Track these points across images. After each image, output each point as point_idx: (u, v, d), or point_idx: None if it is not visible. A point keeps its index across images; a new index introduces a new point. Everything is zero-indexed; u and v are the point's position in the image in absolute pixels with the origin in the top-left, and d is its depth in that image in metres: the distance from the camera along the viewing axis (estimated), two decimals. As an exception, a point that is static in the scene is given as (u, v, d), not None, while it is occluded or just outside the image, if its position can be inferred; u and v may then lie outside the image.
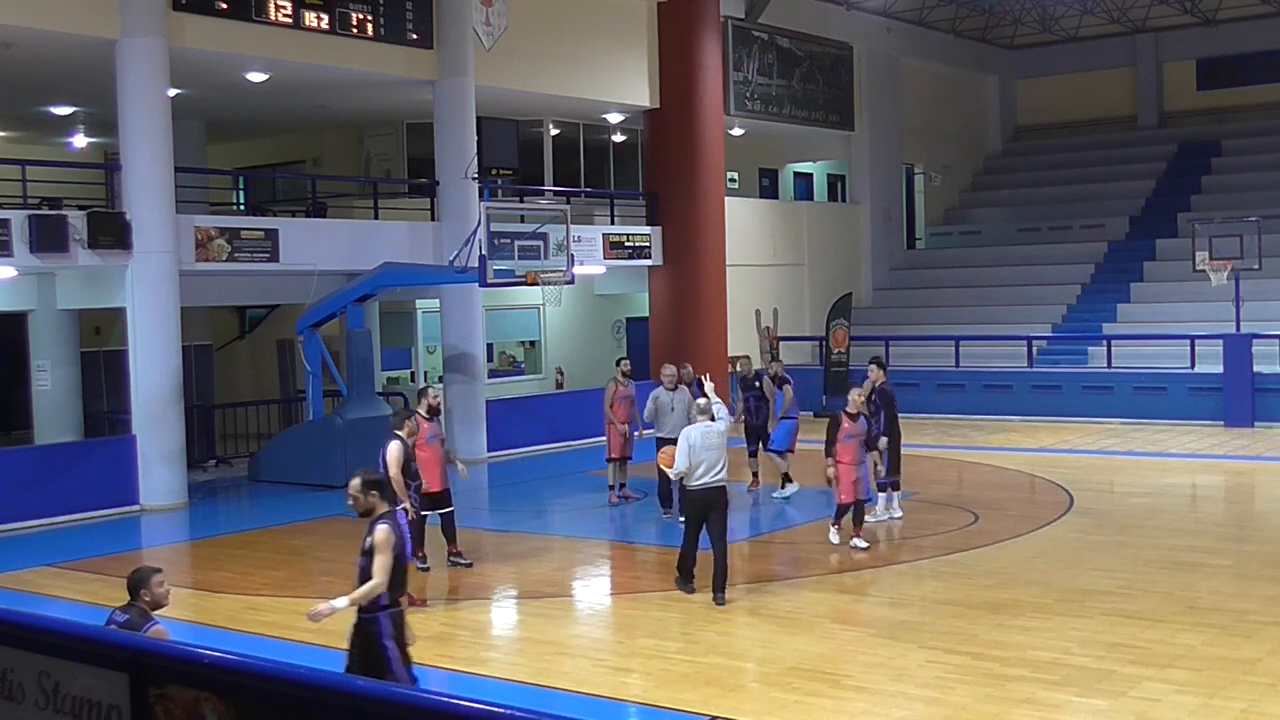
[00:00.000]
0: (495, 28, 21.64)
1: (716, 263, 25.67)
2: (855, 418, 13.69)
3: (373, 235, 21.10)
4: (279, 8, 18.87)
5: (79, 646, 3.74)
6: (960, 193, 36.05)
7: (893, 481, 15.17)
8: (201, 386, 23.15)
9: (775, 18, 27.91)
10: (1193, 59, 35.79)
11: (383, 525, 7.74)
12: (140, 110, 17.49)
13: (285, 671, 3.36)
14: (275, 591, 12.17)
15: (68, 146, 25.51)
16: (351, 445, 19.01)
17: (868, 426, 13.89)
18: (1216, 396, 23.29)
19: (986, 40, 35.98)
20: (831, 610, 11.23)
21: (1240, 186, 31.27)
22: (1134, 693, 8.78)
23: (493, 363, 25.89)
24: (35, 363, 20.60)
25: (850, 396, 13.97)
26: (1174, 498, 17.29)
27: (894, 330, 28.32)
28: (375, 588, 7.64)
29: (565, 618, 11.38)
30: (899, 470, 15.25)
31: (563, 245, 19.23)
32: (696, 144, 25.23)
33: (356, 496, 7.92)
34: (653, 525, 15.57)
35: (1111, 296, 28.60)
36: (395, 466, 11.69)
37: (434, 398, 13.59)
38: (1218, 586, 11.83)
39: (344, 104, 23.11)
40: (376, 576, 7.65)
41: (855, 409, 13.75)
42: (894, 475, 15.15)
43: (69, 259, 17.03)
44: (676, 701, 8.91)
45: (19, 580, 13.31)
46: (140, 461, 17.53)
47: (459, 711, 3.02)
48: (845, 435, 13.60)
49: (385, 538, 7.67)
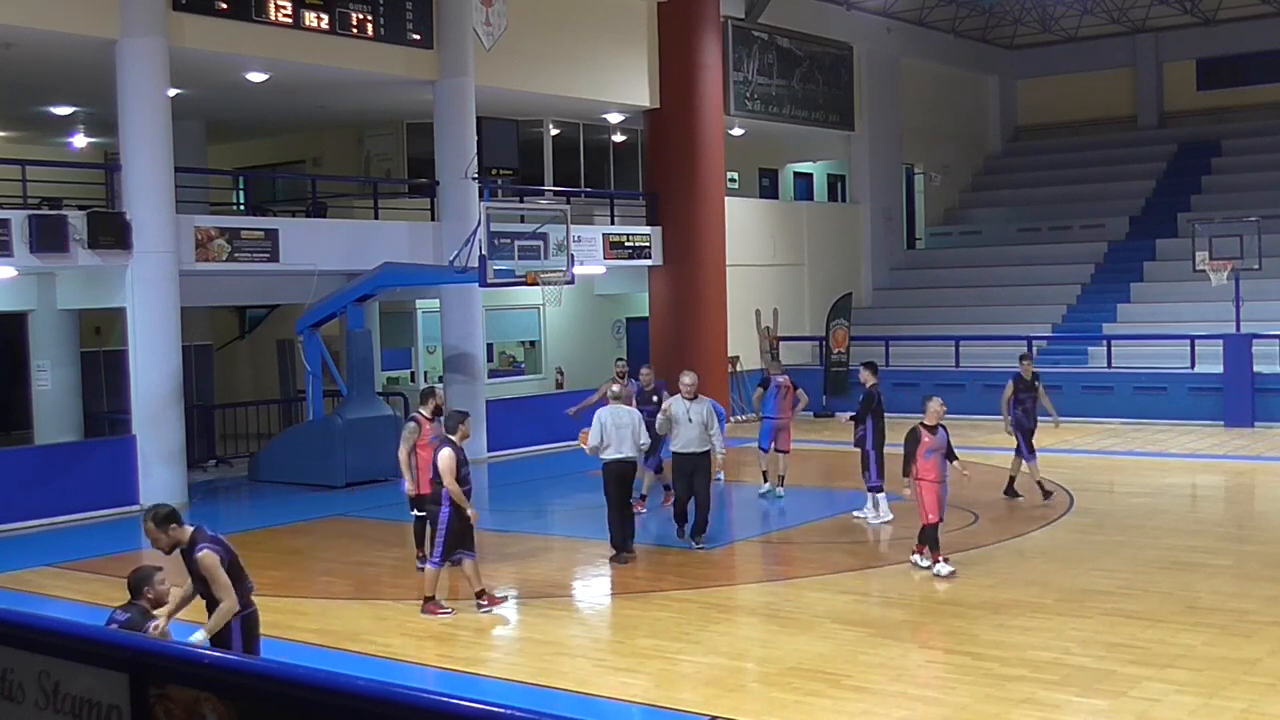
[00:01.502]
0: (495, 28, 21.64)
1: (716, 263, 25.67)
2: (934, 430, 12.62)
3: (373, 235, 21.10)
4: (279, 8, 18.87)
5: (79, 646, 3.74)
6: (960, 193, 36.05)
7: (880, 485, 15.17)
8: (201, 386, 23.15)
9: (775, 18, 27.91)
10: (1193, 59, 35.80)
11: (203, 550, 7.41)
12: (140, 110, 17.49)
13: (285, 671, 3.35)
14: (275, 591, 12.16)
15: (68, 146, 25.51)
16: (351, 445, 19.03)
17: (947, 438, 12.72)
18: (1216, 396, 23.30)
19: (986, 40, 35.99)
20: (831, 610, 11.22)
21: (1240, 186, 31.27)
22: (1134, 693, 8.78)
23: (493, 363, 25.89)
24: (35, 363, 20.60)
25: (931, 407, 12.79)
26: (1174, 498, 17.30)
27: (894, 330, 28.33)
28: (228, 610, 7.41)
29: (565, 618, 11.39)
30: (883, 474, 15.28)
31: (563, 245, 19.23)
32: (696, 144, 25.23)
33: (158, 537, 7.50)
34: (653, 525, 15.57)
35: (1111, 296, 28.60)
36: (449, 476, 11.27)
37: (440, 398, 13.68)
38: (1218, 586, 11.83)
39: (344, 104, 23.10)
40: (225, 600, 7.39)
41: (934, 420, 12.67)
42: (882, 479, 15.17)
43: (69, 259, 17.03)
44: (676, 701, 8.91)
45: (19, 580, 13.31)
46: (140, 461, 17.53)
47: (459, 711, 3.02)
48: (926, 450, 12.53)
49: (212, 560, 7.39)
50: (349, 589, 12.98)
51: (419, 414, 13.30)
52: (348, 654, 10.30)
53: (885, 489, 15.22)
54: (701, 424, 13.80)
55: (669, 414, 13.94)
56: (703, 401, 14.08)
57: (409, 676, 9.57)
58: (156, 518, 7.50)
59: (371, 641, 10.69)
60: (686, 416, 13.84)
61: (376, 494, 18.27)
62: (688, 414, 13.85)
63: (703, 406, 13.97)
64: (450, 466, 11.26)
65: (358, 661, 10.00)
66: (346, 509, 17.47)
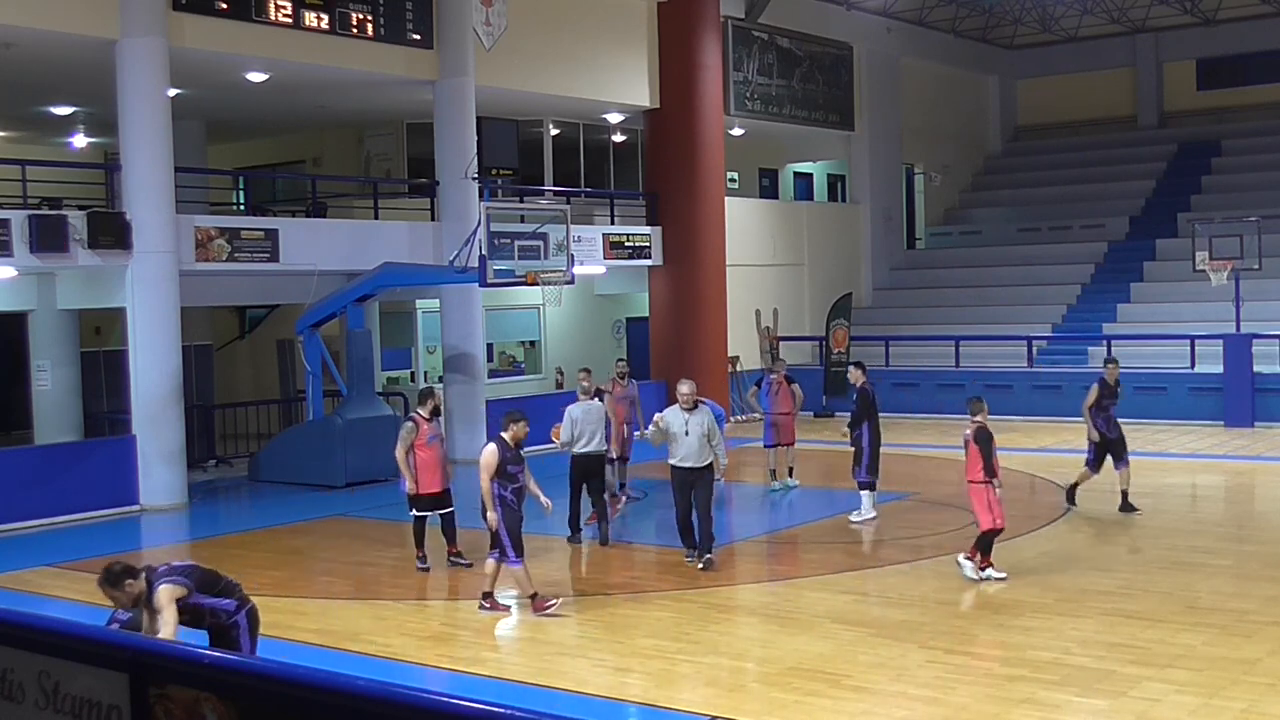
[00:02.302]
0: (495, 28, 21.64)
1: (716, 263, 25.67)
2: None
3: (373, 235, 21.10)
4: (279, 8, 18.87)
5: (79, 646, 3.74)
6: (960, 193, 36.06)
7: (870, 482, 15.18)
8: (201, 386, 23.15)
9: (775, 18, 27.91)
10: (1193, 59, 35.81)
11: (160, 585, 7.08)
12: (140, 110, 17.49)
13: (285, 671, 3.35)
14: (275, 591, 12.16)
15: (68, 146, 25.52)
16: (351, 445, 19.03)
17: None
18: (1216, 396, 23.30)
19: (986, 40, 35.99)
20: (831, 610, 11.22)
21: (1240, 186, 31.27)
22: (1134, 693, 8.78)
23: (493, 363, 25.89)
24: (35, 363, 20.61)
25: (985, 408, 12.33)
26: (1174, 498, 17.30)
27: (894, 330, 28.33)
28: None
29: (565, 618, 11.38)
30: (877, 470, 15.28)
31: (563, 245, 19.23)
32: (696, 144, 25.24)
33: (116, 596, 7.14)
34: (653, 525, 15.57)
35: (1111, 296, 28.61)
36: (486, 472, 11.10)
37: (438, 399, 13.77)
38: (1218, 586, 11.83)
39: (344, 104, 23.11)
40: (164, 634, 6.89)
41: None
42: (872, 476, 15.18)
43: (69, 259, 17.03)
44: (676, 701, 8.91)
45: (19, 580, 13.31)
46: (140, 461, 17.53)
47: (459, 711, 3.02)
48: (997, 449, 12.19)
49: (166, 596, 7.05)
50: (349, 589, 12.97)
51: (417, 414, 13.32)
52: (348, 654, 10.30)
53: (876, 486, 15.24)
54: (701, 435, 12.76)
55: (662, 425, 12.93)
56: (702, 411, 12.95)
57: (409, 676, 9.57)
58: (110, 579, 7.12)
59: (371, 641, 10.69)
60: (684, 429, 12.80)
61: (376, 494, 18.27)
62: (685, 426, 12.80)
63: (703, 416, 12.86)
64: (489, 463, 11.11)
65: (358, 661, 9.99)
66: (346, 509, 17.47)
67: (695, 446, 12.78)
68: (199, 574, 7.46)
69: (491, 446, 11.26)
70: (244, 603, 7.59)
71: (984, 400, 12.52)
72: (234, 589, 7.62)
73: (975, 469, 12.07)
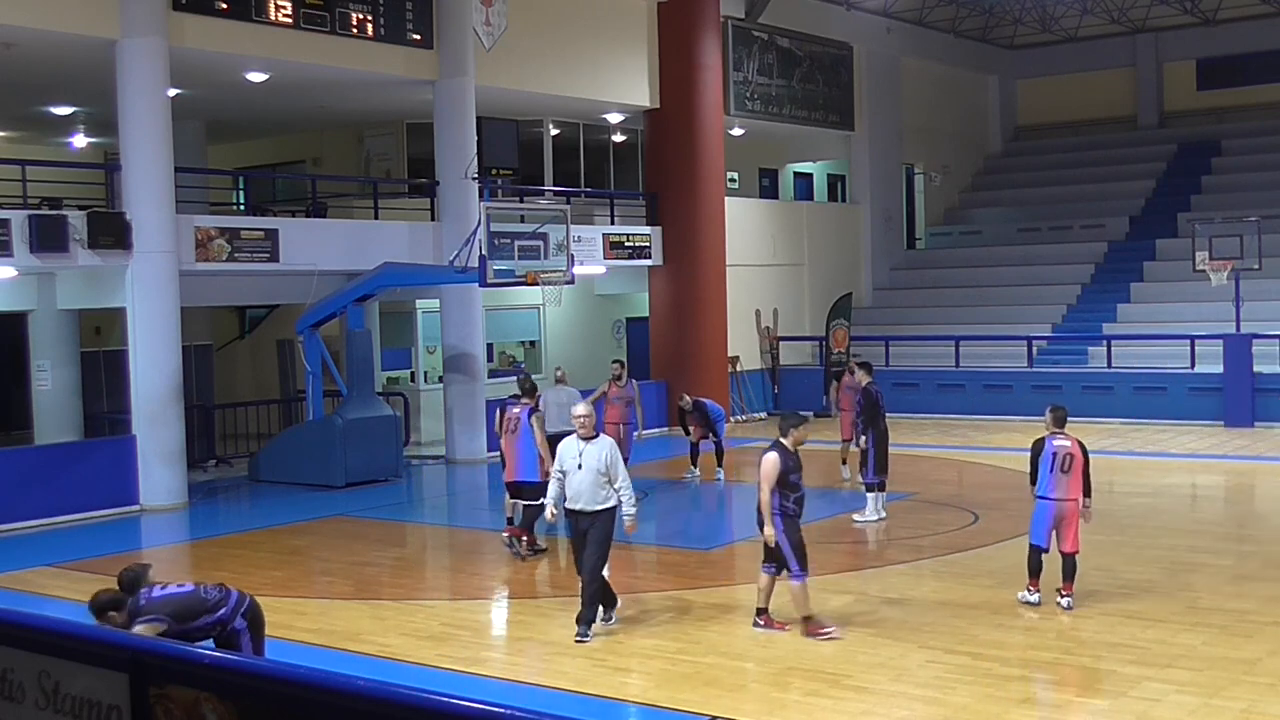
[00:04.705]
0: (495, 28, 21.63)
1: (716, 263, 25.67)
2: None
3: (373, 235, 21.10)
4: (279, 8, 18.86)
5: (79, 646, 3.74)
6: (960, 193, 36.05)
7: (880, 482, 15.19)
8: (201, 386, 23.15)
9: (775, 18, 27.91)
10: (1193, 59, 35.79)
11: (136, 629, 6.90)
12: (140, 110, 17.49)
13: (285, 671, 3.35)
14: (275, 591, 12.16)
15: (68, 146, 25.52)
16: (351, 445, 19.02)
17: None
18: (1216, 396, 23.30)
19: (986, 40, 35.98)
20: (831, 610, 11.21)
21: (1240, 186, 31.26)
22: (1134, 693, 8.78)
23: (493, 363, 25.87)
24: (35, 363, 20.61)
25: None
26: (1174, 498, 17.30)
27: (894, 330, 28.34)
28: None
29: (565, 618, 11.38)
30: (886, 470, 15.28)
31: (563, 245, 19.22)
32: (696, 144, 25.24)
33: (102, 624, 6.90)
34: (653, 525, 15.56)
35: (1111, 296, 28.60)
36: (766, 486, 10.15)
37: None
38: (1218, 586, 11.83)
39: (344, 104, 23.11)
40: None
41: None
42: (881, 475, 15.18)
43: (69, 259, 17.03)
44: (676, 701, 8.90)
45: (19, 580, 13.31)
46: (140, 461, 17.53)
47: (459, 711, 3.02)
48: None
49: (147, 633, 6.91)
50: (349, 589, 12.97)
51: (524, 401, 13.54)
52: (348, 654, 10.30)
53: (885, 487, 15.23)
54: (596, 471, 10.26)
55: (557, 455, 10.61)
56: (602, 441, 10.50)
57: (409, 676, 9.55)
58: (95, 609, 7.01)
59: (371, 641, 10.69)
60: (576, 461, 10.33)
61: (376, 494, 18.26)
62: (579, 457, 10.34)
63: (601, 448, 10.38)
64: (769, 473, 10.12)
65: (358, 661, 9.99)
66: (346, 509, 17.46)
67: (588, 484, 10.30)
68: (178, 603, 7.25)
69: (773, 455, 10.12)
70: (239, 605, 7.49)
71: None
72: (224, 600, 7.43)
73: (1078, 486, 11.04)
